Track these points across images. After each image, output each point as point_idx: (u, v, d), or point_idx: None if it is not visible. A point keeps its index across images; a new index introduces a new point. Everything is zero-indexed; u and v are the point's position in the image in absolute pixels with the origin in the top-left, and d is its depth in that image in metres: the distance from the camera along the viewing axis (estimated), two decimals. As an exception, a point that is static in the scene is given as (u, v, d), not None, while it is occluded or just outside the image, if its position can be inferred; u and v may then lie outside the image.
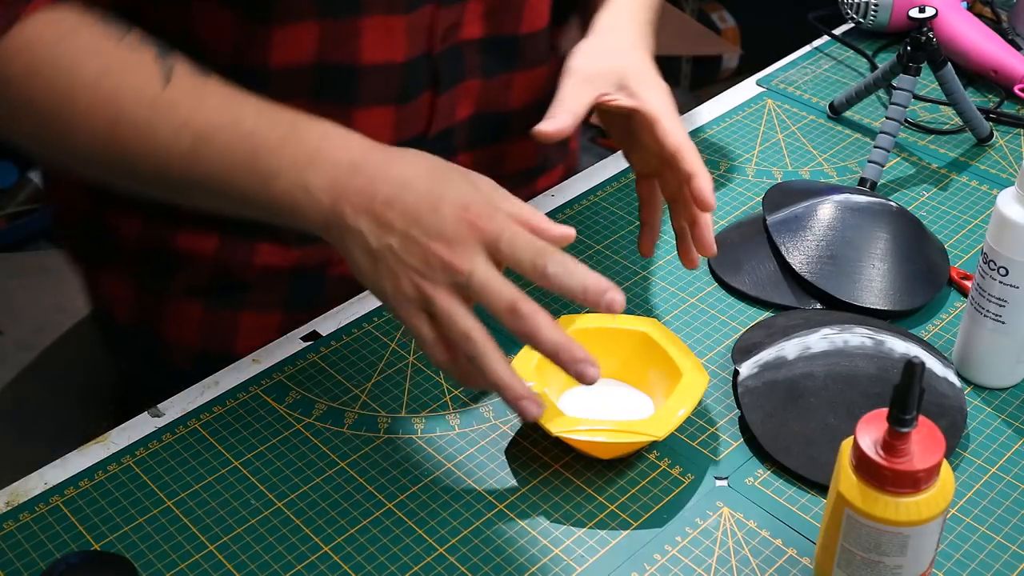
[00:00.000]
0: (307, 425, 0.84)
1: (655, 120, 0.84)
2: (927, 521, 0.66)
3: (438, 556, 0.75)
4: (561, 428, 0.78)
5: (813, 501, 0.79)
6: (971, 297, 0.85)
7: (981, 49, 1.22)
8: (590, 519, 0.78)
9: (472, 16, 0.92)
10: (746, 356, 0.87)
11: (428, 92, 0.93)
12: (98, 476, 0.80)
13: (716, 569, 0.74)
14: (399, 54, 0.89)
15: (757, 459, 0.82)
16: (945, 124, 1.18)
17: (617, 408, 0.83)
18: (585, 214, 1.06)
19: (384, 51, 0.88)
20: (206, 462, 0.81)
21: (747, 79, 1.27)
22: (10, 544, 0.75)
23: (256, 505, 0.78)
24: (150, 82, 0.74)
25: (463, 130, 0.99)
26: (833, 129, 1.18)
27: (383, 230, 0.71)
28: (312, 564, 0.75)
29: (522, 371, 0.81)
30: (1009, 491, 0.80)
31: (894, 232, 0.96)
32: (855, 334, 0.86)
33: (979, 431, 0.84)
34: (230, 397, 0.86)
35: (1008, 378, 0.87)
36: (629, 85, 0.86)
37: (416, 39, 0.89)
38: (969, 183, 1.10)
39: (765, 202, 1.01)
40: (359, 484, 0.80)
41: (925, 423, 0.66)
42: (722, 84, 2.39)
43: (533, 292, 0.97)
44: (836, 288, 0.93)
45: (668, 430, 0.78)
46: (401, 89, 0.91)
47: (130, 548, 0.75)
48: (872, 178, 1.05)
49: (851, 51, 1.31)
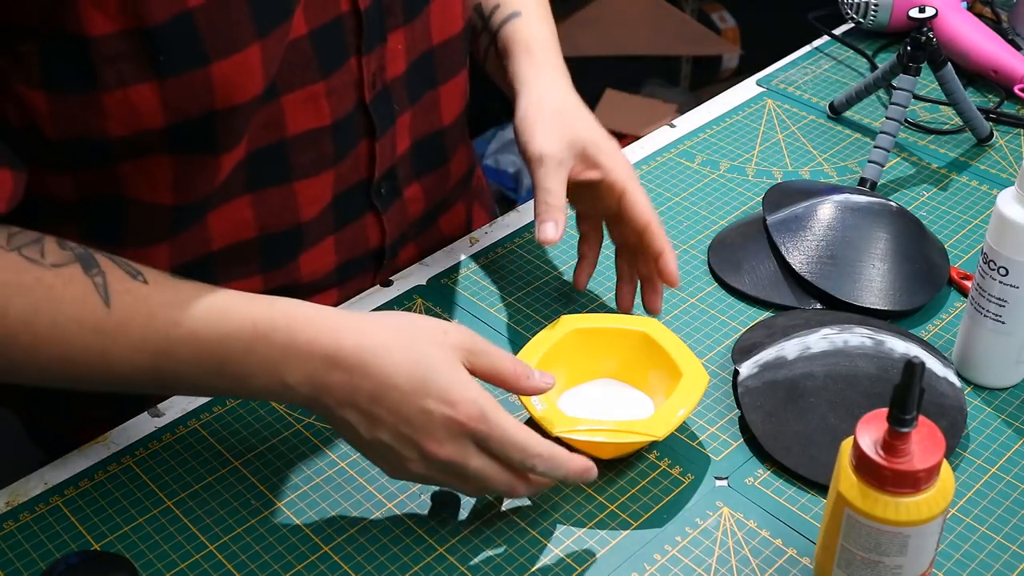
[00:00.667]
0: (307, 425, 0.84)
1: (622, 190, 0.87)
2: (927, 521, 0.66)
3: (438, 556, 0.75)
4: (561, 428, 0.78)
5: (813, 501, 0.79)
6: (971, 297, 0.85)
7: (981, 49, 1.22)
8: (590, 519, 0.78)
9: (395, 53, 0.88)
10: (746, 356, 0.87)
11: (365, 140, 0.89)
12: (98, 476, 0.80)
13: (716, 569, 0.74)
14: (324, 118, 0.84)
15: (757, 459, 0.82)
16: (945, 124, 1.18)
17: (617, 408, 0.83)
18: (585, 214, 1.06)
19: (309, 120, 0.84)
20: (206, 462, 0.81)
21: (747, 79, 1.27)
22: (10, 544, 0.75)
23: (256, 505, 0.78)
24: (88, 307, 0.69)
25: (405, 164, 0.95)
26: (833, 129, 1.18)
27: (372, 424, 0.71)
28: (312, 564, 0.75)
29: None
30: (1009, 491, 0.80)
31: (894, 232, 0.96)
32: (855, 334, 0.86)
33: (979, 431, 0.84)
34: (230, 397, 0.86)
35: (1008, 378, 0.87)
36: (591, 156, 0.88)
37: (343, 97, 0.85)
38: (969, 183, 1.10)
39: (765, 202, 1.01)
40: (359, 484, 0.80)
41: (925, 423, 0.66)
42: (722, 84, 2.38)
43: (534, 293, 0.97)
44: (836, 288, 0.93)
45: (668, 430, 0.78)
46: (335, 148, 0.87)
47: (130, 548, 0.75)
48: (872, 178, 1.05)
49: (851, 51, 1.31)
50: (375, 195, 0.93)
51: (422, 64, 0.92)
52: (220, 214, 0.84)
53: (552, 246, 0.84)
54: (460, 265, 1.00)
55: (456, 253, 1.01)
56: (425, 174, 0.98)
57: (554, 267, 0.99)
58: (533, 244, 1.02)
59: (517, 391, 0.75)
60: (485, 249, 1.02)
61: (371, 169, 0.91)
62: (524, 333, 0.92)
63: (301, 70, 0.81)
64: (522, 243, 1.02)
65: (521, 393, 0.75)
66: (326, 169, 0.87)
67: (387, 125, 0.91)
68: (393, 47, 0.88)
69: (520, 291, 0.97)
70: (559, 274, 0.98)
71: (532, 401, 0.79)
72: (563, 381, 0.84)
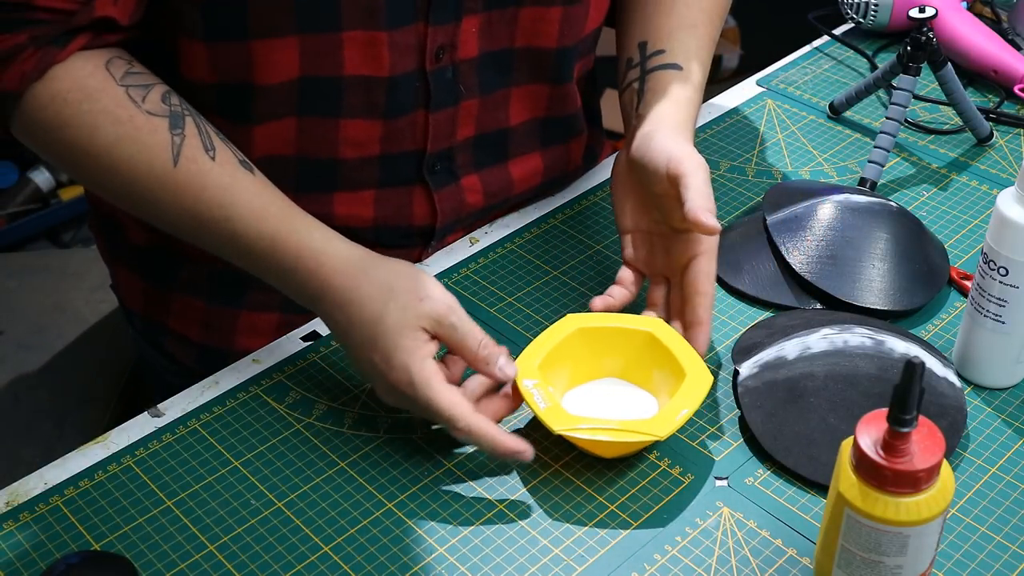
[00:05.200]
0: (307, 425, 0.84)
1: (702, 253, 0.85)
2: (927, 521, 0.66)
3: (438, 556, 0.75)
4: (563, 426, 0.78)
5: (813, 501, 0.79)
6: (971, 297, 0.85)
7: (981, 49, 1.22)
8: (590, 519, 0.78)
9: (468, 36, 0.91)
10: (746, 356, 0.87)
11: (421, 109, 0.93)
12: (98, 476, 0.80)
13: (716, 569, 0.74)
14: (383, 69, 0.88)
15: (757, 459, 0.82)
16: (945, 124, 1.18)
17: (621, 407, 0.83)
18: (585, 214, 1.06)
19: (367, 65, 0.87)
20: (206, 462, 0.81)
21: (747, 79, 1.27)
22: (10, 544, 0.75)
23: (256, 505, 0.78)
24: (160, 158, 0.80)
25: (465, 151, 0.98)
26: (833, 129, 1.18)
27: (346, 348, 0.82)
28: (312, 564, 0.75)
29: (527, 371, 0.81)
30: (1009, 491, 0.80)
31: (894, 232, 0.96)
32: (855, 334, 0.86)
33: (979, 431, 0.84)
34: (230, 397, 0.87)
35: (1008, 378, 0.87)
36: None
37: (404, 55, 0.89)
38: (969, 183, 1.10)
39: (765, 202, 1.01)
40: (359, 484, 0.80)
41: (925, 423, 0.66)
42: (722, 84, 2.39)
43: (534, 293, 0.97)
44: (836, 288, 0.93)
45: (671, 430, 0.78)
46: (388, 104, 0.90)
47: (130, 548, 0.75)
48: (872, 178, 1.05)
49: (851, 51, 1.31)
50: (428, 170, 0.96)
51: (500, 59, 0.94)
52: (266, 129, 0.90)
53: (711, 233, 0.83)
54: (460, 265, 1.00)
55: (456, 253, 1.01)
56: (485, 168, 1.00)
57: (554, 267, 0.99)
58: (533, 244, 1.02)
59: (479, 372, 0.80)
60: (485, 249, 1.02)
61: (424, 141, 0.94)
62: (524, 333, 0.92)
63: (367, 13, 0.85)
64: (522, 243, 1.02)
65: (483, 375, 0.80)
66: (374, 118, 0.90)
67: (447, 102, 0.93)
68: (467, 29, 0.91)
69: (520, 291, 0.97)
70: (559, 274, 0.98)
71: (535, 399, 0.79)
72: (567, 379, 0.84)
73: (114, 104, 0.80)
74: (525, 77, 0.98)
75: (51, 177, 2.41)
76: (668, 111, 0.90)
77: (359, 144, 0.92)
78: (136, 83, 0.81)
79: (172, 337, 1.03)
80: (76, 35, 0.79)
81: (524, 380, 0.80)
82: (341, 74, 0.87)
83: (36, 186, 2.41)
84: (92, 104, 0.80)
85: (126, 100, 0.80)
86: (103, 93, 0.80)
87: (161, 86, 0.82)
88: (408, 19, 0.87)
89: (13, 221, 2.37)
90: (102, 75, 0.80)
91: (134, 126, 0.80)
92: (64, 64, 0.79)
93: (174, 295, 1.01)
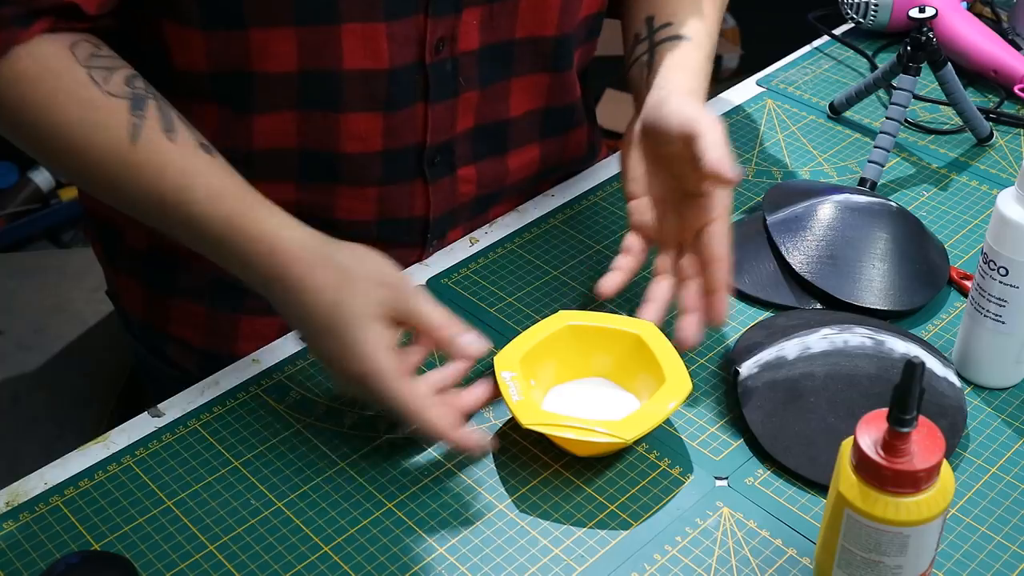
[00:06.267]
0: (307, 425, 0.84)
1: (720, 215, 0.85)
2: (927, 521, 0.66)
3: (438, 556, 0.75)
4: (532, 420, 0.77)
5: (813, 501, 0.79)
6: (971, 297, 0.85)
7: (981, 49, 1.22)
8: (590, 519, 0.78)
9: (468, 28, 0.91)
10: (746, 356, 0.87)
11: (420, 102, 0.93)
12: (98, 476, 0.80)
13: (716, 569, 0.74)
14: (382, 61, 0.88)
15: (757, 459, 0.82)
16: (945, 124, 1.18)
17: (601, 407, 0.83)
18: (585, 214, 1.06)
19: (366, 58, 0.88)
20: (206, 462, 0.81)
21: (747, 79, 1.27)
22: (10, 544, 0.75)
23: (256, 505, 0.78)
24: (119, 138, 0.79)
25: (464, 143, 0.98)
26: (833, 129, 1.18)
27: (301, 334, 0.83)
28: (312, 564, 0.75)
29: (508, 363, 0.81)
30: (1009, 491, 0.80)
31: (894, 232, 0.96)
32: (855, 334, 0.86)
33: (979, 431, 0.84)
34: (230, 397, 0.87)
35: (1008, 378, 0.87)
36: None
37: (403, 48, 0.89)
38: (969, 183, 1.10)
39: (765, 202, 1.01)
40: (359, 484, 0.80)
41: (925, 423, 0.66)
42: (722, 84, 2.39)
43: (534, 293, 0.97)
44: (836, 288, 0.93)
45: (637, 434, 0.77)
46: (388, 96, 0.90)
47: (130, 548, 0.75)
48: (872, 178, 1.05)
49: (851, 51, 1.31)
50: (427, 164, 0.96)
51: (500, 51, 0.95)
52: (266, 120, 0.89)
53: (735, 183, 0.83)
54: (460, 265, 1.00)
55: (456, 253, 1.01)
56: (482, 159, 1.00)
57: (554, 267, 0.99)
58: (533, 244, 1.02)
59: (446, 353, 0.79)
60: (485, 249, 1.02)
61: (424, 133, 0.94)
62: (524, 333, 0.92)
63: (367, 5, 0.85)
64: (522, 243, 1.02)
65: (451, 356, 0.79)
66: (375, 111, 0.90)
67: (446, 95, 0.93)
68: (467, 21, 0.91)
69: (520, 291, 0.97)
70: (559, 274, 0.98)
71: (509, 391, 0.79)
72: (553, 375, 0.84)
73: (76, 85, 0.79)
74: (526, 67, 0.98)
75: (51, 177, 2.41)
76: (679, 78, 0.90)
77: (361, 138, 0.92)
78: (100, 65, 0.81)
79: (173, 343, 1.03)
80: (39, 17, 0.79)
81: (503, 371, 0.80)
82: (340, 67, 0.87)
83: (36, 186, 2.41)
84: (53, 83, 0.79)
85: (88, 81, 0.79)
86: (65, 73, 0.79)
87: (127, 69, 0.82)
88: (408, 11, 0.87)
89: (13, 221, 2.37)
90: (66, 56, 0.80)
91: (94, 106, 0.79)
92: (27, 45, 0.78)
93: (174, 300, 1.01)
